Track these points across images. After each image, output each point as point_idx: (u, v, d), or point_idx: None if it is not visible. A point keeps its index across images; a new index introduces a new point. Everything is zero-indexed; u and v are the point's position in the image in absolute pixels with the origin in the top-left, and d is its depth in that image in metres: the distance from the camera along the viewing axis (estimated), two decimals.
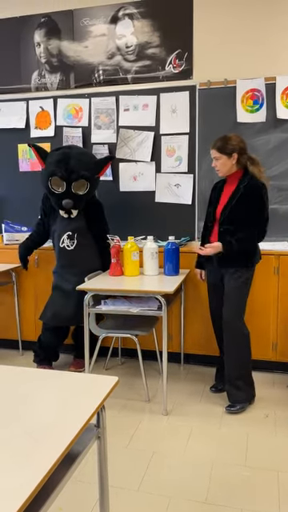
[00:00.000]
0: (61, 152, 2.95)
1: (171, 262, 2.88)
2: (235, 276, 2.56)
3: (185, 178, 3.36)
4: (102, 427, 1.32)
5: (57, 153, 2.96)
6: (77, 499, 1.88)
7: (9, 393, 1.27)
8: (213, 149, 2.55)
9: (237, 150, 2.50)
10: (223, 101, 3.20)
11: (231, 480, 2.00)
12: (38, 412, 1.15)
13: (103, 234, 3.05)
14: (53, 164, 2.90)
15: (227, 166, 2.53)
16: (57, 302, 3.02)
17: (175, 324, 3.22)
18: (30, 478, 0.88)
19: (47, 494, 1.02)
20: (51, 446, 0.99)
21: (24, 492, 0.84)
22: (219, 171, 2.58)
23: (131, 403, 2.74)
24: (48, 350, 3.13)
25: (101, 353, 2.98)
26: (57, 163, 2.89)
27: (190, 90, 3.27)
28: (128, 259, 2.87)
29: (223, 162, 2.53)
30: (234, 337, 2.57)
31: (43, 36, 3.57)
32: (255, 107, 3.14)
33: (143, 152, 3.43)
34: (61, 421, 1.10)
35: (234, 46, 3.17)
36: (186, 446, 2.28)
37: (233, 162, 2.51)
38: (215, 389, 2.85)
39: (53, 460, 0.94)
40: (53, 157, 2.94)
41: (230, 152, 2.50)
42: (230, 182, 2.60)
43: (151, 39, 3.33)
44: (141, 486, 1.97)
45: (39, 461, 0.94)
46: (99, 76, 3.49)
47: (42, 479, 0.88)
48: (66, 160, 2.89)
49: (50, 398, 1.23)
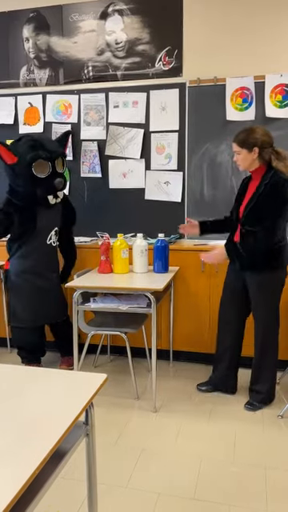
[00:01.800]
0: (26, 140, 2.82)
1: (160, 259, 2.89)
2: (261, 281, 2.44)
3: (174, 175, 3.36)
4: (91, 424, 1.32)
5: (22, 142, 2.82)
6: (65, 496, 1.88)
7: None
8: (234, 142, 2.42)
9: (258, 144, 2.34)
10: (213, 99, 3.20)
11: (219, 476, 2.02)
12: (27, 409, 1.14)
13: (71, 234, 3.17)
14: (29, 150, 2.76)
15: (248, 161, 2.40)
16: (35, 301, 2.93)
17: (164, 321, 3.23)
18: (17, 475, 0.88)
19: (35, 491, 1.02)
20: (39, 444, 0.98)
21: (12, 489, 0.84)
22: (239, 165, 2.46)
23: (120, 400, 2.74)
24: (34, 350, 3.10)
25: (89, 350, 2.97)
26: (32, 148, 2.77)
27: (179, 87, 3.27)
28: (117, 256, 2.87)
29: (243, 157, 2.39)
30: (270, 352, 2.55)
31: (32, 31, 3.53)
32: (244, 105, 3.15)
33: (133, 149, 3.42)
34: (49, 418, 1.10)
35: (223, 44, 3.18)
36: (175, 442, 2.29)
37: (254, 156, 2.37)
38: (202, 387, 2.83)
39: (41, 457, 0.93)
40: (22, 146, 2.79)
41: (251, 146, 2.35)
42: (254, 179, 2.48)
43: (141, 36, 3.32)
44: (129, 483, 1.97)
45: (27, 458, 0.93)
46: (89, 72, 3.47)
47: (30, 476, 0.88)
48: (39, 143, 2.81)
49: (38, 396, 1.22)
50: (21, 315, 2.95)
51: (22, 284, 2.93)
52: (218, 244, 2.45)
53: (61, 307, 3.07)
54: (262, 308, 2.52)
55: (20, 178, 2.81)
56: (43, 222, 2.93)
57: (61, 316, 3.07)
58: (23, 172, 2.78)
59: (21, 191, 2.85)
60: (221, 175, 3.26)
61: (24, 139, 2.85)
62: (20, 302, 2.94)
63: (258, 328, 2.55)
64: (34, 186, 2.81)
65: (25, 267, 2.92)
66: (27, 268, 2.92)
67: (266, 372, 2.58)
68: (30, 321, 2.96)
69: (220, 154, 3.24)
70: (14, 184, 2.86)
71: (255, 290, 2.50)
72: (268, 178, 2.36)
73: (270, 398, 2.63)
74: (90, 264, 3.17)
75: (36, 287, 2.93)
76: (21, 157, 2.76)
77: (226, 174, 3.23)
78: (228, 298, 2.66)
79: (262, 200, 2.35)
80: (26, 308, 2.94)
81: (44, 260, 2.97)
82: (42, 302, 2.95)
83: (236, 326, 2.67)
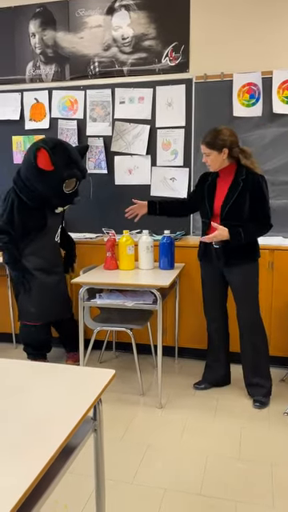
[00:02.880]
0: (63, 150, 2.75)
1: (166, 256, 2.88)
2: (243, 272, 2.53)
3: (180, 171, 3.35)
4: (99, 420, 1.32)
5: (59, 152, 2.72)
6: (72, 491, 1.89)
7: (5, 386, 1.26)
8: (202, 144, 2.49)
9: (227, 145, 2.43)
10: (219, 94, 3.18)
11: (225, 473, 2.02)
12: (36, 405, 1.15)
13: None
14: (67, 166, 2.73)
15: (218, 162, 2.48)
16: (44, 298, 2.93)
17: (169, 318, 3.23)
18: (28, 471, 0.88)
19: (45, 486, 1.02)
20: (49, 439, 0.99)
21: (23, 485, 0.84)
22: (210, 166, 2.53)
23: (126, 396, 2.74)
24: (41, 346, 3.11)
25: (95, 346, 2.98)
26: (70, 165, 2.75)
27: (186, 83, 3.26)
28: (123, 253, 2.87)
29: (214, 158, 2.47)
30: (258, 336, 2.59)
31: (38, 26, 3.52)
32: (251, 101, 3.13)
33: (139, 145, 3.41)
34: (58, 414, 1.10)
35: (231, 39, 3.15)
36: (181, 438, 2.29)
37: (223, 157, 2.45)
38: (199, 386, 2.84)
39: (51, 453, 0.93)
40: (60, 158, 2.71)
41: (220, 147, 2.43)
42: (223, 176, 2.54)
43: (147, 31, 3.31)
44: (135, 479, 1.98)
45: (37, 453, 0.94)
46: (95, 68, 3.45)
47: (40, 472, 0.88)
48: (74, 160, 2.79)
49: (46, 391, 1.22)
50: (31, 312, 2.95)
51: (34, 281, 2.92)
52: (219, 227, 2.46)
53: (67, 304, 3.08)
54: (248, 300, 2.58)
55: (44, 184, 2.75)
56: (52, 221, 2.95)
57: (67, 313, 3.09)
58: (52, 183, 2.74)
59: (35, 194, 2.80)
60: None
61: (59, 148, 2.73)
62: (30, 300, 2.94)
63: (245, 321, 2.60)
64: (55, 196, 2.82)
65: (34, 265, 2.91)
66: (36, 265, 2.92)
67: (262, 364, 2.62)
68: (40, 318, 2.96)
69: None
70: (31, 184, 2.77)
71: (238, 282, 2.57)
72: (243, 174, 2.46)
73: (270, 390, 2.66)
74: (96, 260, 3.17)
75: (45, 284, 2.93)
76: (57, 169, 2.70)
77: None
78: (210, 295, 2.74)
79: (244, 193, 2.44)
80: (36, 305, 2.93)
81: (51, 257, 2.98)
82: (50, 298, 2.95)
83: (222, 321, 2.75)
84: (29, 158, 2.73)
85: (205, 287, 2.75)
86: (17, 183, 2.83)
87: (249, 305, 2.58)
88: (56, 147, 2.72)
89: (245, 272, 2.55)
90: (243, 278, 2.56)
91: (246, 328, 2.61)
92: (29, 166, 2.74)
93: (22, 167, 2.84)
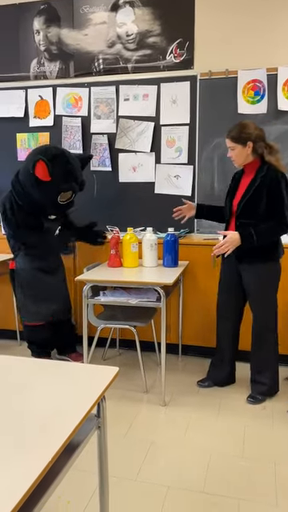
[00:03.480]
0: (63, 162, 2.71)
1: (170, 253, 2.88)
2: (260, 271, 2.48)
3: (185, 169, 3.34)
4: (103, 417, 1.32)
5: (58, 164, 2.68)
6: (75, 488, 1.89)
7: (9, 383, 1.27)
8: (227, 138, 2.45)
9: (252, 138, 2.38)
10: (224, 91, 3.17)
11: (228, 470, 2.02)
12: (40, 402, 1.15)
13: None
14: (64, 178, 2.71)
15: (243, 156, 2.43)
16: (46, 296, 2.93)
17: (173, 315, 3.23)
18: (32, 467, 0.88)
19: (49, 482, 1.03)
20: (53, 436, 0.99)
21: (27, 481, 0.85)
22: (235, 161, 2.48)
23: (129, 394, 2.75)
24: (45, 345, 3.11)
25: (98, 344, 2.98)
26: (67, 177, 2.72)
27: (190, 80, 3.24)
28: (127, 250, 2.87)
29: (238, 152, 2.42)
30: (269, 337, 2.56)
31: (42, 23, 3.52)
32: (256, 98, 3.12)
33: (143, 142, 3.41)
34: (62, 410, 1.10)
35: (236, 35, 3.14)
36: (184, 436, 2.29)
37: (248, 151, 2.40)
38: (202, 383, 2.83)
39: (55, 449, 0.94)
40: (59, 170, 2.67)
41: (245, 141, 2.38)
42: (247, 173, 2.50)
43: (152, 28, 3.29)
44: (138, 476, 1.98)
45: (42, 450, 0.94)
46: (99, 65, 3.45)
47: (44, 468, 0.88)
48: (73, 173, 2.76)
49: (51, 388, 1.23)
50: (32, 312, 2.95)
51: (32, 280, 2.93)
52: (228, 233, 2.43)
53: (67, 305, 3.09)
54: (261, 300, 2.54)
55: (39, 193, 2.73)
56: (49, 224, 2.93)
57: (66, 314, 3.09)
58: (48, 193, 2.72)
59: (30, 200, 2.78)
60: (232, 169, 3.20)
61: (60, 159, 2.69)
62: (31, 298, 2.94)
63: (257, 320, 2.57)
64: (49, 205, 2.81)
65: (34, 264, 2.92)
66: (36, 264, 2.92)
67: (269, 363, 2.60)
68: (41, 317, 2.95)
69: None
70: (27, 190, 2.76)
71: (254, 282, 2.52)
72: (264, 170, 2.40)
73: (274, 389, 2.64)
74: (100, 258, 3.17)
75: (45, 283, 2.94)
76: (54, 180, 2.66)
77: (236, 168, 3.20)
78: (226, 297, 2.68)
79: (260, 192, 2.38)
80: (38, 303, 2.93)
81: (51, 257, 2.99)
82: (50, 297, 2.95)
83: (235, 323, 2.71)
84: (27, 165, 2.70)
85: (221, 287, 2.70)
86: (15, 186, 2.83)
87: (263, 306, 2.54)
88: (56, 158, 2.67)
89: (261, 271, 2.48)
90: (259, 278, 2.49)
91: (257, 328, 2.57)
92: (26, 173, 2.71)
93: (20, 171, 2.82)
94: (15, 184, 2.82)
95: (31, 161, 2.65)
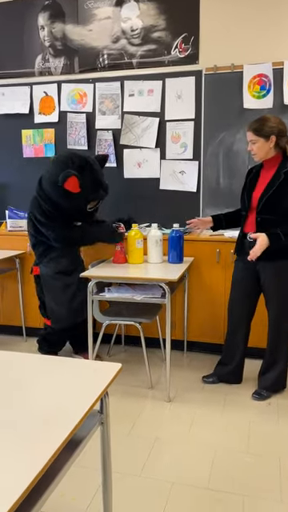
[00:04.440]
0: (90, 172, 2.76)
1: (175, 249, 2.87)
2: (277, 269, 2.43)
3: (190, 164, 3.33)
4: (106, 413, 1.32)
5: (87, 175, 2.73)
6: (79, 484, 1.90)
7: (13, 379, 1.27)
8: (249, 131, 2.39)
9: (275, 132, 2.34)
10: (230, 86, 3.14)
11: (233, 467, 2.02)
12: (43, 397, 1.15)
13: None
14: (91, 188, 2.75)
15: (264, 150, 2.38)
16: (71, 300, 2.91)
17: (178, 312, 3.22)
18: (34, 463, 0.88)
19: (51, 478, 1.03)
20: (55, 432, 0.99)
21: (28, 476, 0.85)
22: (255, 155, 2.42)
23: (134, 390, 2.75)
24: (58, 346, 3.12)
25: (103, 340, 2.98)
26: (94, 186, 2.78)
27: (195, 75, 3.22)
28: (132, 247, 2.86)
29: (260, 146, 2.37)
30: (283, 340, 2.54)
31: (47, 19, 3.51)
32: (262, 93, 3.09)
33: (148, 138, 3.39)
34: (65, 406, 1.10)
35: (241, 29, 3.11)
36: (189, 432, 2.29)
37: (270, 145, 2.35)
38: (207, 379, 2.82)
39: (57, 445, 0.94)
40: (88, 180, 2.73)
41: (268, 134, 2.34)
42: (267, 167, 2.46)
43: (157, 22, 3.27)
44: (143, 472, 1.98)
45: (43, 445, 0.94)
46: (104, 60, 3.43)
47: (45, 464, 0.88)
48: (99, 180, 2.82)
49: (54, 384, 1.23)
50: (63, 317, 2.93)
51: (57, 284, 2.91)
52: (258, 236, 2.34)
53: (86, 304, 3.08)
54: (278, 297, 2.50)
55: (68, 203, 2.77)
56: None
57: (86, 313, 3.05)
58: (77, 203, 2.77)
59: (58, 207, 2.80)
60: (237, 164, 3.21)
61: (87, 170, 2.74)
62: (60, 304, 2.92)
63: (273, 317, 2.54)
64: (77, 214, 2.86)
65: (58, 268, 2.89)
66: (61, 268, 2.90)
67: (279, 361, 2.58)
68: (70, 321, 2.93)
69: (237, 142, 3.19)
70: (54, 200, 2.78)
71: (272, 279, 2.48)
72: (286, 166, 2.36)
73: (282, 385, 2.63)
74: (105, 254, 3.17)
75: (68, 285, 2.90)
76: (84, 191, 2.72)
77: (242, 163, 3.18)
78: (240, 294, 2.64)
79: (283, 187, 2.33)
80: (67, 309, 2.91)
81: (73, 258, 2.96)
82: (76, 298, 2.91)
83: (247, 320, 2.67)
84: (54, 177, 2.69)
85: (234, 284, 2.66)
86: (41, 195, 2.83)
87: (280, 304, 2.50)
88: (84, 169, 2.72)
89: (279, 269, 2.44)
90: (278, 276, 2.45)
91: (273, 326, 2.55)
92: (53, 185, 2.72)
93: (44, 181, 2.81)
94: (40, 193, 2.83)
95: (62, 177, 2.63)
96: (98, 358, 3.11)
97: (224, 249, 3.02)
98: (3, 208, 3.66)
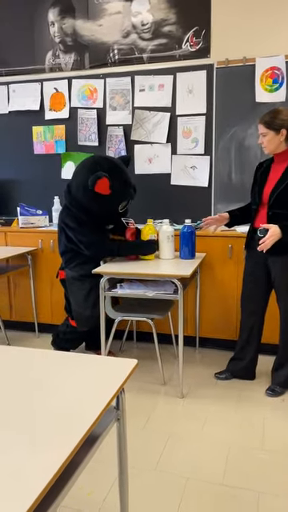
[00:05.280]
0: (119, 175, 2.75)
1: (187, 245, 2.85)
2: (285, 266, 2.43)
3: (201, 159, 3.31)
4: (122, 409, 1.32)
5: (116, 177, 2.72)
6: (96, 479, 1.91)
7: (29, 375, 1.27)
8: (260, 123, 2.39)
9: (286, 126, 2.32)
10: (242, 80, 3.11)
11: (248, 463, 2.01)
12: (60, 394, 1.15)
13: None
14: (121, 189, 2.75)
15: (275, 143, 2.37)
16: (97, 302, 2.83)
17: (191, 308, 3.21)
18: (53, 459, 0.89)
19: (71, 473, 1.03)
20: (74, 428, 0.99)
21: (48, 472, 0.85)
22: (266, 148, 2.41)
23: (147, 386, 2.75)
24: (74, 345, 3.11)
25: (115, 336, 2.98)
26: (124, 187, 2.78)
27: (207, 68, 3.19)
28: None
29: (270, 139, 2.36)
30: None
31: (57, 15, 3.50)
32: (275, 86, 3.05)
33: (159, 133, 3.38)
34: (82, 403, 1.10)
35: (253, 22, 3.07)
36: (203, 428, 2.29)
37: (281, 138, 2.34)
38: (220, 375, 2.82)
39: (76, 440, 0.94)
40: (117, 182, 2.72)
41: (279, 127, 2.32)
42: (278, 162, 2.44)
43: (167, 16, 3.24)
44: (158, 467, 1.98)
45: (62, 442, 0.94)
46: (114, 56, 3.42)
47: (65, 460, 0.88)
48: (128, 180, 2.81)
49: (70, 380, 1.23)
50: (88, 319, 2.92)
51: (81, 287, 2.89)
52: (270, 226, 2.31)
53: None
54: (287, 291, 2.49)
55: (100, 207, 2.77)
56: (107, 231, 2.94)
57: None
58: (108, 205, 2.77)
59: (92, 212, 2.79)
60: (249, 159, 3.18)
61: (115, 172, 2.73)
62: (84, 307, 2.90)
63: (284, 313, 2.53)
64: (109, 216, 2.84)
65: (86, 271, 2.85)
66: (84, 272, 2.86)
67: None
68: (94, 322, 2.90)
69: (249, 137, 3.16)
70: (85, 205, 2.78)
71: (281, 273, 2.47)
72: None
73: None
74: None
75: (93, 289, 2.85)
76: (115, 192, 2.72)
77: (254, 158, 3.15)
78: (251, 289, 2.63)
79: None
80: (90, 310, 2.90)
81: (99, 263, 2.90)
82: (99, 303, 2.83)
83: (259, 316, 2.65)
84: (84, 182, 2.69)
85: (246, 279, 2.66)
86: (71, 203, 2.81)
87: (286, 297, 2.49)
88: (112, 171, 2.71)
89: (286, 264, 2.43)
90: (283, 270, 2.45)
91: (283, 323, 2.54)
92: (83, 189, 2.73)
93: (73, 187, 2.80)
94: (71, 201, 2.82)
95: (92, 180, 2.63)
96: (110, 354, 3.11)
97: (236, 244, 3.00)
98: (15, 205, 3.68)
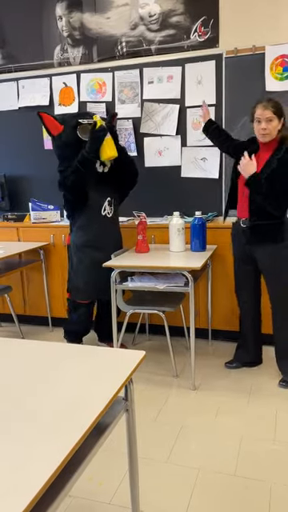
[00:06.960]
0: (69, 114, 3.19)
1: (198, 237, 2.85)
2: (268, 253, 2.48)
3: (211, 151, 3.28)
4: (130, 400, 1.33)
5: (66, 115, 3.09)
6: (107, 469, 1.93)
7: (40, 367, 1.29)
8: (267, 109, 2.33)
9: (284, 116, 2.35)
10: (251, 69, 3.07)
11: (260, 454, 2.01)
12: (69, 384, 1.17)
13: None
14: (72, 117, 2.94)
15: (275, 131, 2.37)
16: (95, 275, 2.87)
17: (202, 300, 3.20)
18: (60, 448, 0.90)
19: (80, 462, 1.05)
20: (81, 418, 1.01)
21: (55, 461, 0.86)
22: (267, 135, 2.37)
23: (159, 378, 2.76)
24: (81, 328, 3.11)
25: (128, 329, 3.00)
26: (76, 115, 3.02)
27: (216, 58, 3.15)
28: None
29: (275, 125, 2.35)
30: None
31: (65, 9, 3.49)
32: (285, 74, 3.00)
33: (168, 126, 3.36)
34: (90, 394, 1.12)
35: (261, 9, 3.01)
36: (215, 420, 2.29)
37: (279, 127, 2.36)
38: (230, 365, 2.84)
39: (82, 431, 0.95)
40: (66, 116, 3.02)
41: (282, 116, 2.35)
42: (263, 150, 2.45)
43: (175, 6, 3.21)
44: (170, 458, 2.00)
45: (70, 431, 0.96)
46: (122, 48, 3.40)
47: (72, 449, 0.90)
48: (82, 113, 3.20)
49: (79, 372, 1.24)
50: (82, 289, 2.95)
51: (82, 257, 2.92)
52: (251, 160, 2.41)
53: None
54: (276, 281, 2.52)
55: (68, 146, 2.86)
56: (93, 193, 2.88)
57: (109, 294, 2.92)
58: (69, 138, 2.85)
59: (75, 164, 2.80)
60: None
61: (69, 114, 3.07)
62: (82, 277, 2.93)
63: (275, 301, 2.57)
64: (78, 147, 2.82)
65: (83, 240, 2.90)
66: (85, 241, 2.90)
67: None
68: (88, 294, 2.95)
69: None
70: (64, 154, 2.88)
71: (267, 263, 2.51)
72: (281, 153, 2.36)
73: None
74: (127, 243, 3.17)
75: (94, 260, 2.87)
76: (65, 123, 2.88)
77: None
78: (239, 276, 2.72)
79: (274, 175, 2.34)
80: (85, 281, 2.92)
81: (100, 232, 2.92)
82: (98, 275, 2.84)
83: (253, 304, 2.72)
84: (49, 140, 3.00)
85: (235, 267, 2.73)
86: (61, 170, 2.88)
87: (280, 287, 2.53)
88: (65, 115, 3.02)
89: (270, 252, 2.49)
90: (268, 259, 2.51)
91: (276, 309, 2.58)
92: (53, 142, 2.96)
93: None
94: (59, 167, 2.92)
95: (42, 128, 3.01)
96: (122, 346, 3.13)
97: None
98: (26, 200, 3.71)
